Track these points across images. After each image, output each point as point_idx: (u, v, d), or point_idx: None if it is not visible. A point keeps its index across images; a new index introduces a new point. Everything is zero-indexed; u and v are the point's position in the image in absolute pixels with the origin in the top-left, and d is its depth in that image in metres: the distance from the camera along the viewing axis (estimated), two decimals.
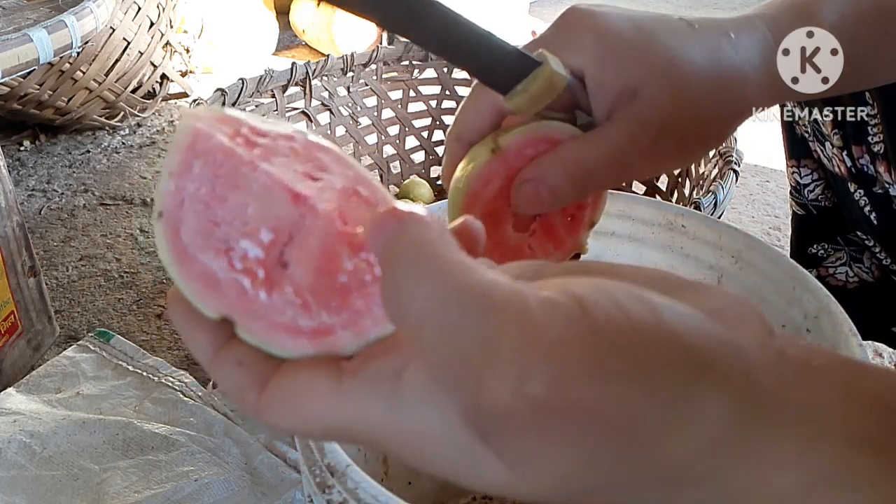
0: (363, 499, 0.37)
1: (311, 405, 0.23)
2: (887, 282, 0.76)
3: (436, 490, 0.67)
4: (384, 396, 0.23)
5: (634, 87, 0.38)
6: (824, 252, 0.80)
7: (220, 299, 0.24)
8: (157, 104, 1.63)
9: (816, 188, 0.78)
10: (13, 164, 1.44)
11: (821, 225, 0.79)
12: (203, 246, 0.24)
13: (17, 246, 0.86)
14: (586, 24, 0.39)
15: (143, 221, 1.25)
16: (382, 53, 1.21)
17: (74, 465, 0.71)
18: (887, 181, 0.65)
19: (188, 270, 0.23)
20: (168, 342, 0.97)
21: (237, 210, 0.24)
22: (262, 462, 0.71)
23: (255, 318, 0.24)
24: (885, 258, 0.72)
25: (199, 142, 0.24)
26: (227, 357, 0.24)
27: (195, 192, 0.24)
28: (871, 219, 0.69)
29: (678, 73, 0.38)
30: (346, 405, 0.23)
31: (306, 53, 1.99)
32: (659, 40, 0.39)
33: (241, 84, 1.05)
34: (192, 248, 0.24)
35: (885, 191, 0.67)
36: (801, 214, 0.81)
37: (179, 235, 0.23)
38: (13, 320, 0.86)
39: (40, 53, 0.87)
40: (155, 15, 1.53)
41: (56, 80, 1.44)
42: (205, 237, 0.24)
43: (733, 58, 0.40)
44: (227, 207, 0.24)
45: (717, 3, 2.33)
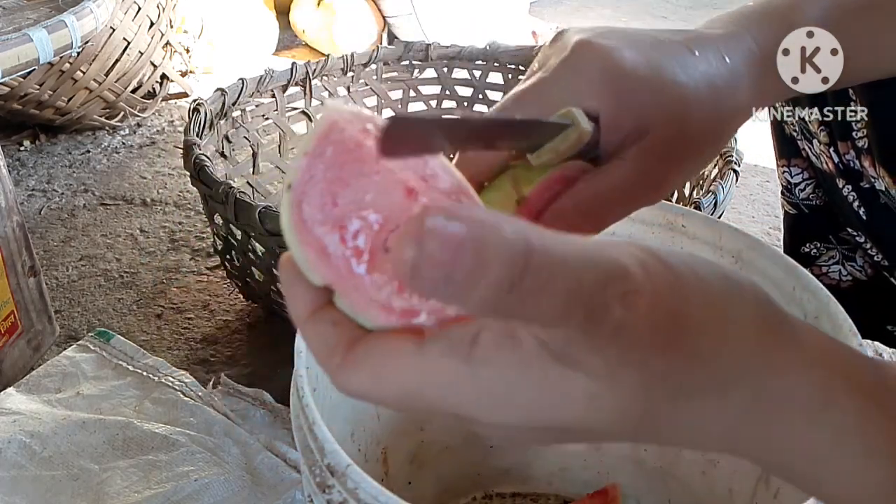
0: (363, 499, 0.37)
1: (392, 366, 0.26)
2: (880, 280, 0.76)
3: (436, 490, 0.67)
4: (461, 356, 0.25)
5: (646, 127, 0.39)
6: (817, 251, 0.80)
7: (327, 269, 0.27)
8: (157, 104, 1.63)
9: (807, 187, 0.79)
10: (13, 164, 1.44)
11: (813, 224, 0.80)
12: (321, 220, 0.27)
13: (17, 246, 0.86)
14: (599, 64, 0.39)
15: (144, 221, 1.25)
16: (382, 53, 1.21)
17: (74, 465, 0.71)
18: (872, 176, 0.66)
19: (304, 240, 0.27)
20: (168, 342, 0.97)
21: (357, 195, 0.27)
22: (262, 462, 0.71)
23: (354, 291, 0.27)
24: (877, 254, 0.72)
25: (334, 132, 0.27)
26: (323, 317, 0.27)
27: (323, 173, 0.27)
28: (860, 214, 0.70)
29: (685, 107, 0.40)
30: (426, 365, 0.25)
31: (306, 53, 1.99)
32: (668, 76, 0.39)
33: (241, 84, 1.05)
34: (310, 221, 0.27)
35: (872, 185, 0.67)
36: (793, 214, 0.81)
37: (301, 208, 0.27)
38: (13, 320, 0.86)
39: (40, 53, 0.87)
40: (155, 15, 1.53)
41: (56, 80, 1.44)
42: (324, 213, 0.27)
43: (728, 81, 0.42)
44: (348, 191, 0.27)
45: (717, 3, 2.33)
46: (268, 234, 0.78)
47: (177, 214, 1.28)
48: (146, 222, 1.25)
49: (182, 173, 1.40)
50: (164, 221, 1.26)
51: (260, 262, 0.85)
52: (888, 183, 0.64)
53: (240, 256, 0.89)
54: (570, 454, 0.69)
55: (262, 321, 1.01)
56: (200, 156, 0.86)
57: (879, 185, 0.66)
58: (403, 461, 0.64)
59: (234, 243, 0.87)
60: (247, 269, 0.90)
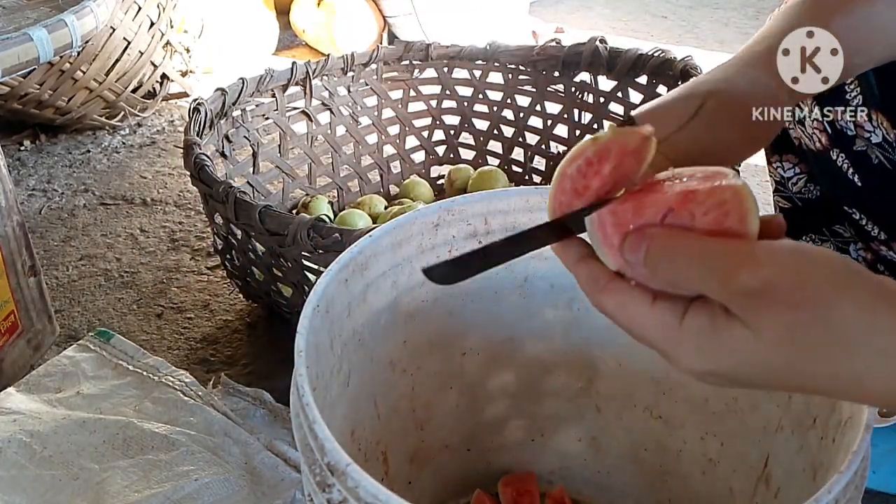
0: (363, 498, 0.37)
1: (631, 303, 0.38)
2: (873, 270, 0.76)
3: (436, 490, 0.67)
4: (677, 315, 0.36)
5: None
6: (812, 243, 0.81)
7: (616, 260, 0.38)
8: (157, 104, 1.63)
9: (799, 181, 0.80)
10: (13, 164, 1.44)
11: (807, 216, 0.81)
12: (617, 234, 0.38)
13: (17, 245, 0.86)
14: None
15: (144, 221, 1.26)
16: (382, 53, 1.21)
17: (74, 465, 0.71)
18: (868, 129, 0.67)
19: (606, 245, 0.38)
20: (168, 342, 0.97)
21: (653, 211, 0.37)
22: (262, 462, 0.72)
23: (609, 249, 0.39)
24: (873, 228, 0.73)
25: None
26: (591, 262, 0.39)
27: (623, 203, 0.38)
28: (855, 181, 0.71)
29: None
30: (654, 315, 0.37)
31: (306, 53, 1.99)
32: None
33: (242, 84, 1.05)
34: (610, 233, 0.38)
35: (865, 147, 0.68)
36: (787, 208, 0.82)
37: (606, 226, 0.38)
38: (13, 320, 0.86)
39: (40, 53, 0.86)
40: (155, 15, 1.53)
41: (56, 80, 1.44)
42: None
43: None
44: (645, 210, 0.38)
45: (718, 2, 2.33)
46: (268, 234, 0.78)
47: (177, 214, 1.28)
48: (146, 222, 1.25)
49: (182, 173, 1.40)
50: (165, 221, 1.26)
51: (260, 262, 0.85)
52: (887, 127, 0.65)
53: (240, 256, 0.89)
54: (571, 454, 0.69)
55: (262, 321, 1.01)
56: (200, 155, 0.86)
57: (876, 138, 0.67)
58: (403, 461, 0.64)
59: (235, 243, 0.87)
60: (247, 269, 0.90)
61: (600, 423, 0.66)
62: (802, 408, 0.49)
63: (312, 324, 0.47)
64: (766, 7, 2.27)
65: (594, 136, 0.39)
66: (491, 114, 1.25)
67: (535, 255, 0.61)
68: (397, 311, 0.58)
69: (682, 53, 1.07)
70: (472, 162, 1.26)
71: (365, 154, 1.24)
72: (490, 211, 0.59)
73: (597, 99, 1.16)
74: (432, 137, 1.29)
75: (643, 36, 2.10)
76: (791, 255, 0.34)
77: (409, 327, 0.59)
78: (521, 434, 0.68)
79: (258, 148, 1.11)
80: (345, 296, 0.52)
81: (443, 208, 0.57)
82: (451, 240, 0.59)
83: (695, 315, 0.36)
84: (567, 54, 1.16)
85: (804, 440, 0.49)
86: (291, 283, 0.84)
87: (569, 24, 2.15)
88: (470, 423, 0.66)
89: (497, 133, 1.26)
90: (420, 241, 0.57)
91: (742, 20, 2.18)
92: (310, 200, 1.13)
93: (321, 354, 0.49)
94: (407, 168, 1.27)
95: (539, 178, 1.22)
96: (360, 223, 1.05)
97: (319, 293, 0.48)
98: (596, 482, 0.69)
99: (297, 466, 0.71)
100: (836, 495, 0.36)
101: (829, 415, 0.46)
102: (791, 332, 0.33)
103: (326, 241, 0.75)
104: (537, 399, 0.66)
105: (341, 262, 0.51)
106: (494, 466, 0.69)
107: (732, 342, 0.34)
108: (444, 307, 0.61)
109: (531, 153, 1.23)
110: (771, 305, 0.33)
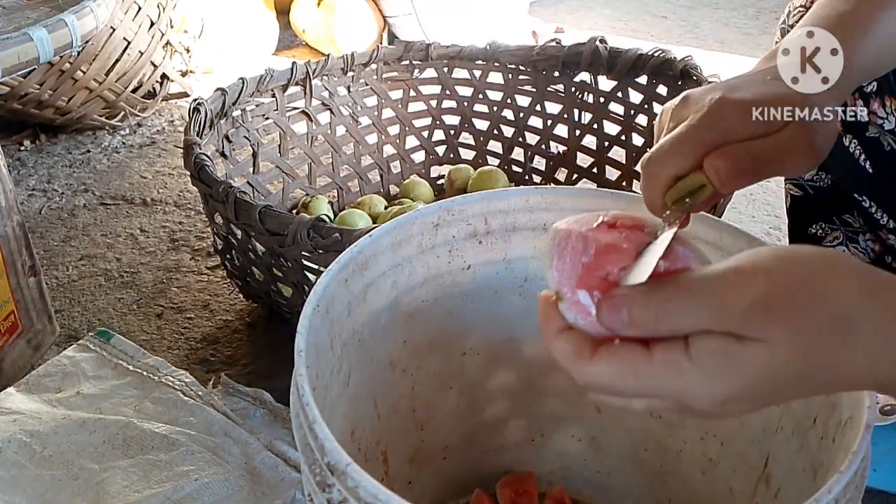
0: (363, 497, 0.37)
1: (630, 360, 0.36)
2: (879, 264, 0.76)
3: (436, 490, 0.67)
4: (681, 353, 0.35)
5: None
6: (822, 232, 0.82)
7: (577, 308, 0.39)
8: (157, 104, 1.63)
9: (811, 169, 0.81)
10: (13, 164, 1.44)
11: (818, 204, 0.81)
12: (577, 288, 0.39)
13: (17, 245, 0.86)
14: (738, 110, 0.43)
15: (143, 221, 1.26)
16: (383, 53, 1.21)
17: (74, 465, 0.71)
18: (881, 116, 0.67)
19: (570, 300, 0.39)
20: (168, 342, 0.97)
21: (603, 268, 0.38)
22: (262, 462, 0.72)
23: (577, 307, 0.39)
24: (882, 216, 0.73)
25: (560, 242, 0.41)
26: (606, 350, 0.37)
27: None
28: (867, 167, 0.71)
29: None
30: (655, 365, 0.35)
31: (306, 53, 1.99)
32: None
33: (242, 84, 1.05)
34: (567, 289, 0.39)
35: (877, 135, 0.68)
36: (799, 196, 0.82)
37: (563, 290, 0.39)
38: (13, 320, 0.86)
39: (40, 52, 0.86)
40: (155, 15, 1.53)
41: (56, 80, 1.44)
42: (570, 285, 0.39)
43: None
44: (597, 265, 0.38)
45: (718, 2, 2.33)
46: (268, 234, 0.78)
47: (177, 214, 1.28)
48: (146, 222, 1.25)
49: (182, 173, 1.40)
50: (165, 221, 1.26)
51: (260, 262, 0.85)
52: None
53: (240, 256, 0.89)
54: (571, 454, 0.69)
55: (262, 321, 1.01)
56: (200, 155, 0.86)
57: (889, 125, 0.67)
58: (403, 461, 0.64)
59: (235, 243, 0.87)
60: (247, 269, 0.90)
61: (600, 423, 0.66)
62: (802, 408, 0.49)
63: (312, 324, 0.47)
64: (766, 7, 2.27)
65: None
66: (491, 114, 1.25)
67: (535, 255, 0.61)
68: (397, 311, 0.58)
69: (682, 53, 1.07)
70: (472, 162, 1.26)
71: (365, 154, 1.24)
72: (490, 211, 0.59)
73: (597, 99, 1.16)
74: (432, 137, 1.29)
75: (643, 36, 2.10)
76: (776, 260, 0.35)
77: (409, 327, 0.59)
78: (521, 434, 0.68)
79: (258, 148, 1.11)
80: (345, 296, 0.52)
81: (443, 208, 0.57)
82: (451, 240, 0.59)
83: (699, 343, 0.34)
84: (567, 54, 1.16)
85: (804, 440, 0.49)
86: (291, 283, 0.84)
87: (569, 24, 2.15)
88: (470, 423, 0.66)
89: (497, 133, 1.26)
90: (420, 241, 0.57)
91: (742, 20, 2.18)
92: (310, 200, 1.13)
93: (321, 354, 0.49)
94: (407, 168, 1.27)
95: (539, 178, 1.22)
96: (360, 223, 1.05)
97: (319, 293, 0.48)
98: (596, 482, 0.69)
99: (297, 466, 0.71)
100: (836, 495, 0.36)
101: (829, 415, 0.45)
102: (803, 332, 0.33)
103: (326, 241, 0.75)
104: (537, 399, 0.66)
105: (341, 262, 0.51)
106: (494, 466, 0.69)
107: (750, 360, 0.34)
108: (444, 307, 0.61)
109: (531, 153, 1.23)
110: (775, 313, 0.33)
